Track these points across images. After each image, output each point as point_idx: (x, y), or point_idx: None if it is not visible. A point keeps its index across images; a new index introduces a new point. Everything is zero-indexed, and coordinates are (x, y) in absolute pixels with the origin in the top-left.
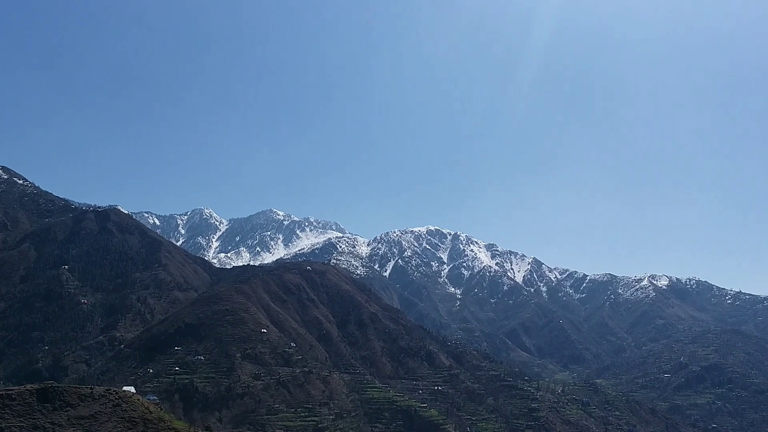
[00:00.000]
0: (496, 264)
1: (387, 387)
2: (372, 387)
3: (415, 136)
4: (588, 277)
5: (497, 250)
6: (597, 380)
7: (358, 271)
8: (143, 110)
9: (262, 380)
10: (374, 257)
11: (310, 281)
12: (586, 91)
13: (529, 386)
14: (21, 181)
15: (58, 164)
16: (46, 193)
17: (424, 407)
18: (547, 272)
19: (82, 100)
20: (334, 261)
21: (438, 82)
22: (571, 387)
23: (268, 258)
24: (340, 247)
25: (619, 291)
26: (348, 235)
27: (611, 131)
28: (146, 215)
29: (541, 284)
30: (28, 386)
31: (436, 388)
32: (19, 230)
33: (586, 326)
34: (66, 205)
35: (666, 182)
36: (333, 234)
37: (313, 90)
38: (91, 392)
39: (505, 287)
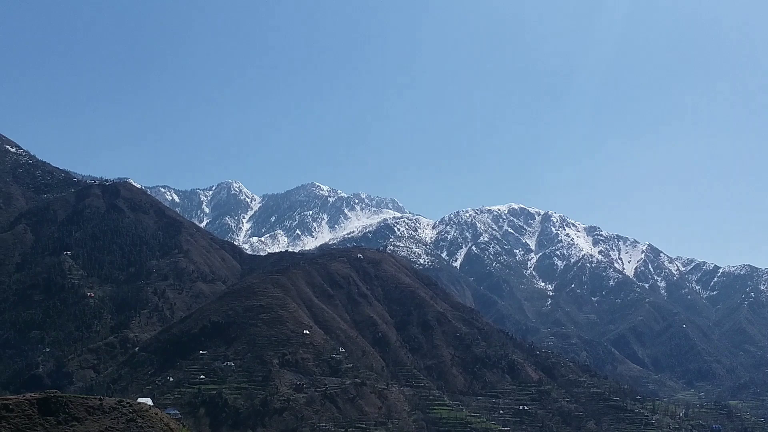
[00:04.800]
0: (600, 252)
1: (459, 405)
2: (440, 404)
3: (488, 88)
4: (720, 270)
5: (601, 235)
6: (731, 401)
7: (421, 261)
8: (158, 63)
9: (305, 393)
10: (441, 243)
11: (362, 272)
12: (707, 29)
13: (642, 408)
14: (14, 149)
15: (57, 129)
16: (43, 164)
17: (506, 431)
18: (666, 263)
19: (84, 53)
20: (391, 247)
21: (513, 16)
22: (697, 410)
23: (310, 243)
24: (399, 229)
25: (762, 288)
26: (408, 215)
27: (746, 82)
28: (163, 190)
29: (659, 278)
30: (28, 396)
31: (521, 407)
32: (13, 208)
33: (717, 332)
34: (67, 178)
35: None
36: (389, 214)
37: (362, 38)
38: (101, 404)
39: (611, 282)
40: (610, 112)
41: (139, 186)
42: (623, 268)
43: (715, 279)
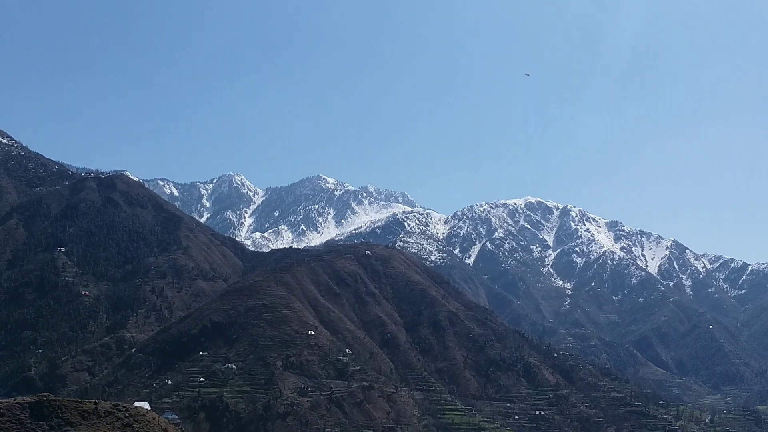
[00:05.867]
0: (622, 249)
1: (471, 410)
2: (452, 409)
3: (505, 77)
4: (749, 267)
5: (623, 230)
6: (759, 407)
7: (433, 257)
8: (157, 50)
9: (310, 396)
10: (454, 239)
11: (370, 270)
12: (737, 15)
13: (666, 413)
14: (5, 141)
15: (51, 120)
16: (36, 156)
17: None
18: (691, 260)
19: (79, 40)
20: (401, 243)
21: (531, 4)
22: (723, 415)
23: (315, 239)
24: (409, 225)
25: None
26: (419, 209)
27: None
28: (161, 183)
29: (684, 276)
30: (19, 399)
31: (537, 412)
32: (4, 202)
33: (745, 333)
34: (61, 171)
35: None
36: (399, 208)
37: (372, 25)
38: (96, 408)
39: (634, 280)
40: (632, 101)
41: (136, 179)
42: (646, 266)
43: (744, 277)
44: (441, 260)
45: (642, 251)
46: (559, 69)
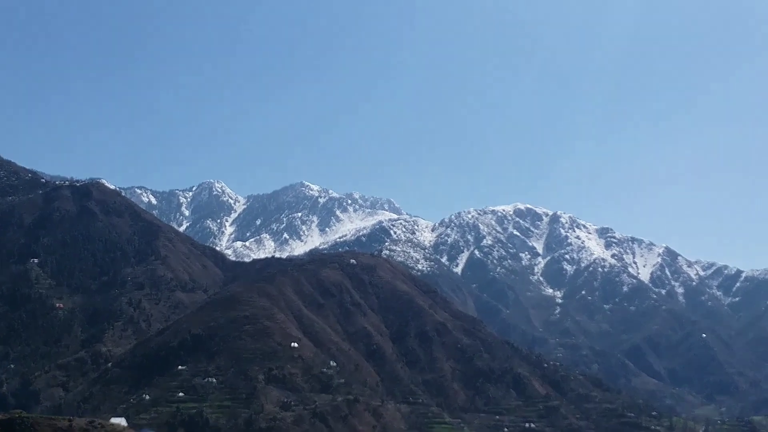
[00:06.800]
0: (613, 256)
1: (460, 422)
2: (439, 422)
3: (492, 80)
4: (743, 274)
5: (614, 237)
6: (754, 417)
7: (420, 266)
8: (133, 52)
9: (293, 411)
10: (441, 247)
11: (355, 279)
12: (728, 12)
13: (659, 424)
14: None
15: (23, 126)
16: (8, 163)
17: None
18: (684, 267)
19: (52, 41)
20: (387, 252)
21: (519, 7)
22: (718, 426)
23: (298, 248)
24: (395, 232)
25: None
26: (405, 216)
27: None
28: (139, 191)
29: (677, 284)
30: None
31: (527, 425)
32: None
33: (739, 342)
34: (34, 179)
35: None
36: (385, 215)
37: (357, 25)
38: (70, 425)
39: (625, 288)
40: (624, 104)
41: (112, 187)
42: (638, 273)
43: (738, 284)
44: (428, 269)
45: (633, 258)
46: (549, 73)
